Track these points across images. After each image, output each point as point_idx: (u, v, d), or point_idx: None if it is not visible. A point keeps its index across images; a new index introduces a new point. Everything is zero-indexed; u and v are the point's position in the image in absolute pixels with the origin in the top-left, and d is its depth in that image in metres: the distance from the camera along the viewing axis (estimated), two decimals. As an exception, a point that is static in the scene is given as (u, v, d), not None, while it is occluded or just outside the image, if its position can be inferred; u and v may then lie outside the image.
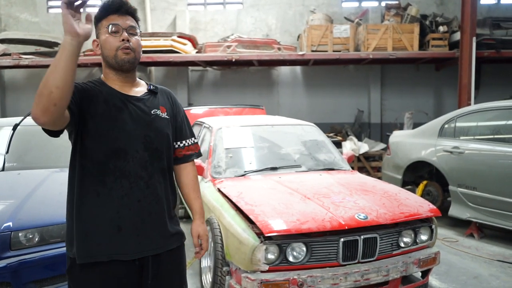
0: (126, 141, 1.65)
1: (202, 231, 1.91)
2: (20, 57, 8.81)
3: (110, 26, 1.63)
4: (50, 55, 9.06)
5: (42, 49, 9.40)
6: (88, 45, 9.97)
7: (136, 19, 1.73)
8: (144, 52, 8.43)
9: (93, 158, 1.62)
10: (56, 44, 9.20)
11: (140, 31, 1.76)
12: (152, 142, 1.70)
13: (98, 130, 1.61)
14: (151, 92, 1.80)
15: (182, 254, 1.85)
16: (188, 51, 8.60)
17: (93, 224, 1.62)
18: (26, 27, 10.14)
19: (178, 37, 8.64)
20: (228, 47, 8.55)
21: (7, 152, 3.82)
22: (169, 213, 1.76)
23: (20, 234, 2.79)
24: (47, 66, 1.22)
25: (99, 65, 9.54)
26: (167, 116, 1.80)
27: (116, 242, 1.62)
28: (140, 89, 1.78)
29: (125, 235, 1.63)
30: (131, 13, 1.70)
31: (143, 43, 8.49)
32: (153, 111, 1.74)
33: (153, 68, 10.00)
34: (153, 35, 8.79)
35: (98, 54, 1.70)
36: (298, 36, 9.56)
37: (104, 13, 1.66)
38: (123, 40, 1.63)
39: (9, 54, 8.98)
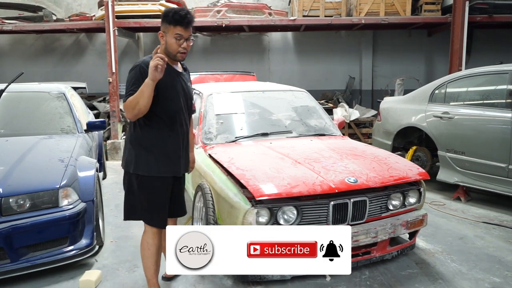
0: (182, 103, 2.52)
1: (194, 157, 2.94)
2: (2, 22, 8.51)
3: (176, 35, 2.35)
4: (34, 20, 8.75)
5: (26, 13, 9.08)
6: (73, 10, 9.70)
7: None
8: (132, 17, 8.21)
9: (167, 114, 2.44)
10: (39, 9, 8.88)
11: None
12: (189, 104, 2.64)
13: (170, 96, 2.43)
14: (184, 69, 2.64)
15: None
16: (176, 16, 8.38)
17: (167, 154, 2.47)
18: (8, -9, 9.77)
19: (167, 1, 8.36)
20: (218, 12, 8.35)
21: (-7, 119, 3.76)
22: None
23: (10, 200, 2.79)
24: (31, 32, 1.23)
25: (85, 30, 9.29)
26: (190, 86, 2.67)
27: (177, 165, 2.54)
28: (179, 65, 2.56)
29: (181, 161, 2.56)
30: (192, 25, 2.40)
31: (130, 7, 8.33)
32: (188, 83, 2.62)
33: (141, 34, 9.77)
34: (140, -1, 8.53)
35: (162, 43, 2.41)
36: (290, 1, 9.34)
37: (174, 23, 2.33)
38: (183, 47, 2.38)
39: (-9, 19, 8.68)
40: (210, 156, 3.33)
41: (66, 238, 2.97)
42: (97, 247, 3.23)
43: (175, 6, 8.35)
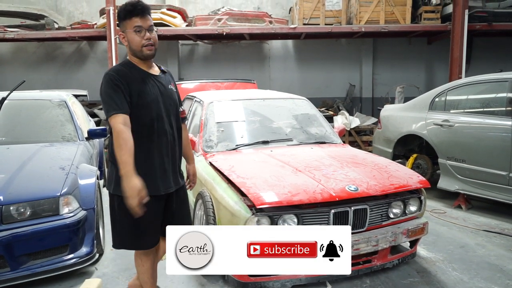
0: (161, 109, 2.24)
1: (195, 170, 2.65)
2: (5, 30, 8.57)
3: (136, 28, 2.14)
4: (36, 28, 8.82)
5: (28, 22, 9.14)
6: (74, 18, 9.76)
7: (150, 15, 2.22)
8: (133, 25, 8.25)
9: (143, 123, 2.18)
10: (42, 17, 8.94)
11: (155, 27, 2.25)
12: (172, 109, 2.33)
13: (144, 103, 2.17)
14: (163, 72, 2.37)
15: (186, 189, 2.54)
16: (178, 24, 8.44)
17: (150, 169, 2.21)
18: (10, -1, 9.85)
19: (168, 9, 8.46)
20: (219, 20, 8.40)
21: (-5, 126, 3.77)
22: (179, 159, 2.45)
23: (11, 208, 2.79)
24: (33, 40, 1.25)
25: (86, 38, 9.35)
26: (174, 90, 2.40)
27: (165, 181, 2.27)
28: (155, 69, 2.34)
29: (168, 176, 2.29)
30: (149, 13, 2.19)
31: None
32: (169, 86, 2.35)
33: (142, 42, 9.81)
34: (141, 7, 8.58)
35: (125, 45, 2.22)
36: (290, 9, 9.42)
37: (129, 15, 2.14)
38: (147, 39, 2.16)
39: (-6, 27, 8.74)
40: (211, 164, 3.33)
41: (67, 246, 2.96)
42: (97, 255, 3.22)
43: (176, 14, 8.42)
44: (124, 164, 1.98)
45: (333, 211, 2.68)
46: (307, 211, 2.67)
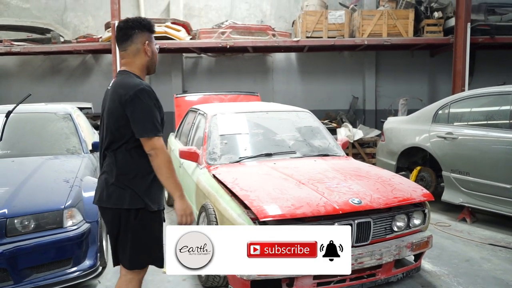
0: None
1: None
2: (11, 44, 8.68)
3: (155, 43, 2.29)
4: (42, 42, 8.93)
5: (34, 35, 9.26)
6: (80, 32, 9.85)
7: None
8: (138, 38, 8.33)
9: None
10: (47, 31, 9.05)
11: None
12: None
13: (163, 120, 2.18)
14: None
15: None
16: (182, 38, 8.52)
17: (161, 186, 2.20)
18: (17, 14, 9.96)
19: (172, 23, 8.55)
20: (223, 33, 8.48)
21: (0, 139, 3.80)
22: None
23: (15, 221, 2.80)
24: (39, 53, 1.28)
25: (91, 51, 9.44)
26: None
27: None
28: None
29: None
30: None
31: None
32: None
33: (147, 55, 9.90)
34: (146, 21, 8.68)
35: (147, 56, 2.23)
36: (293, 22, 9.49)
37: (153, 31, 2.28)
38: None
39: (0, 41, 8.84)
40: (214, 176, 3.34)
41: (70, 259, 2.95)
42: (100, 268, 3.22)
43: (180, 27, 8.51)
44: (179, 185, 2.12)
45: (336, 224, 2.67)
46: (310, 224, 2.66)
